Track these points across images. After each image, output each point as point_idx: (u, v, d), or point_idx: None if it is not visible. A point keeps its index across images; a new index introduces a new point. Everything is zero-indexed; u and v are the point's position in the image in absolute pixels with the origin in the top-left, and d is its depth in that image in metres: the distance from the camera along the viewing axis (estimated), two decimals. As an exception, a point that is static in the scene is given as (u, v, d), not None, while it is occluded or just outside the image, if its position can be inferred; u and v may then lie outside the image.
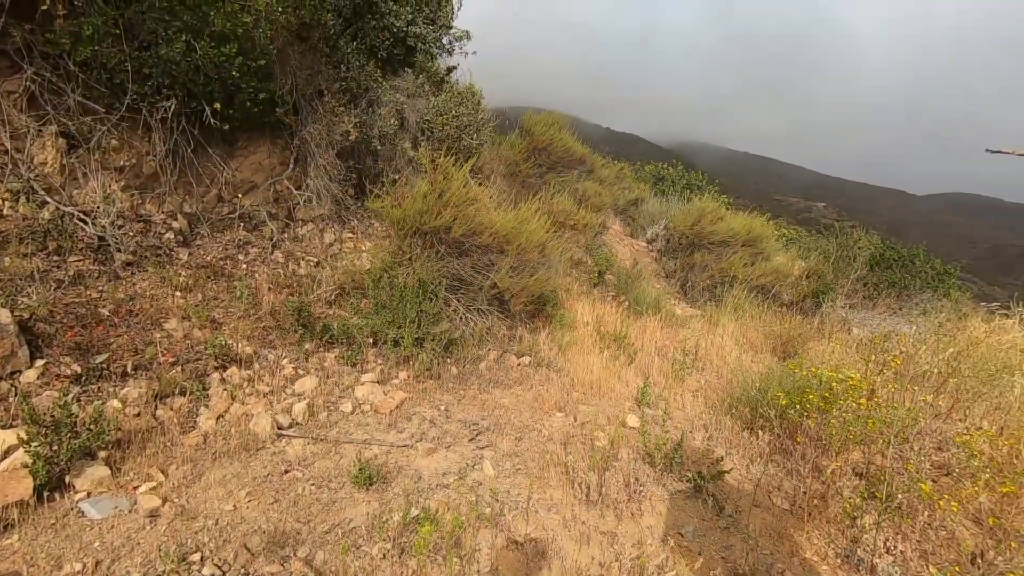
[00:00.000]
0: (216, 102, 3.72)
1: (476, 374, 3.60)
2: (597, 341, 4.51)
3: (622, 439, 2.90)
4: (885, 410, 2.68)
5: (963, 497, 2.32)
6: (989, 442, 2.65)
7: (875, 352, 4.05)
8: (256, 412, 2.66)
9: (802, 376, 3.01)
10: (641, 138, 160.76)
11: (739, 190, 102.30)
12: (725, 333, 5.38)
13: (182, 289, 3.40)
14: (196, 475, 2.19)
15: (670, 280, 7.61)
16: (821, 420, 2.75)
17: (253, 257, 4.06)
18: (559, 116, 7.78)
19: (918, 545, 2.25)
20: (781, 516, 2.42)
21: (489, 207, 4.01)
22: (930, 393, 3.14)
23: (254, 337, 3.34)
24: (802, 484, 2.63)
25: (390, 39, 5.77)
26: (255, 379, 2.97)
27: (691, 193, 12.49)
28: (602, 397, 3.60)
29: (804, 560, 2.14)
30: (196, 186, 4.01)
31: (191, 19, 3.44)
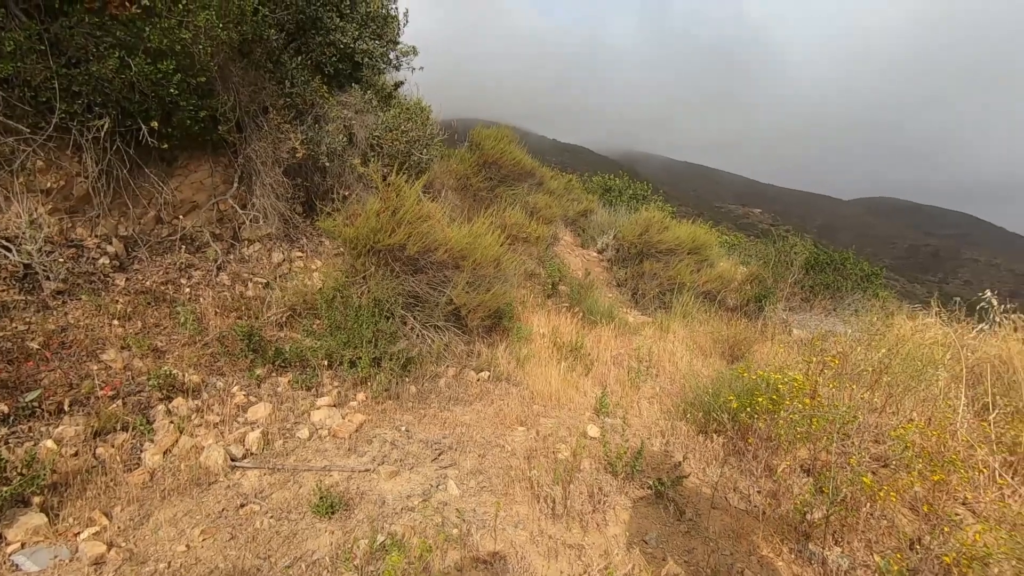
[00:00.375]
0: (153, 120, 3.56)
1: (436, 392, 3.57)
2: (554, 353, 4.57)
3: (584, 450, 2.94)
4: (827, 408, 2.84)
5: (900, 487, 2.48)
6: (920, 433, 2.85)
7: (815, 353, 4.29)
8: (207, 444, 2.54)
9: (750, 379, 3.15)
10: (587, 149, 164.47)
11: (681, 198, 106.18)
12: (676, 339, 5.56)
13: (120, 317, 3.21)
14: (144, 516, 2.07)
15: (621, 289, 7.80)
16: (770, 421, 2.89)
17: (197, 280, 3.89)
18: (508, 131, 7.88)
19: (863, 535, 2.39)
20: (738, 516, 2.52)
21: (443, 223, 4.00)
22: (866, 390, 3.36)
23: (201, 365, 3.19)
24: (756, 484, 2.75)
25: (336, 55, 5.71)
26: (204, 409, 2.84)
27: (638, 203, 12.87)
28: (562, 408, 3.64)
29: (762, 558, 2.23)
30: (132, 207, 3.82)
31: (124, 35, 3.30)
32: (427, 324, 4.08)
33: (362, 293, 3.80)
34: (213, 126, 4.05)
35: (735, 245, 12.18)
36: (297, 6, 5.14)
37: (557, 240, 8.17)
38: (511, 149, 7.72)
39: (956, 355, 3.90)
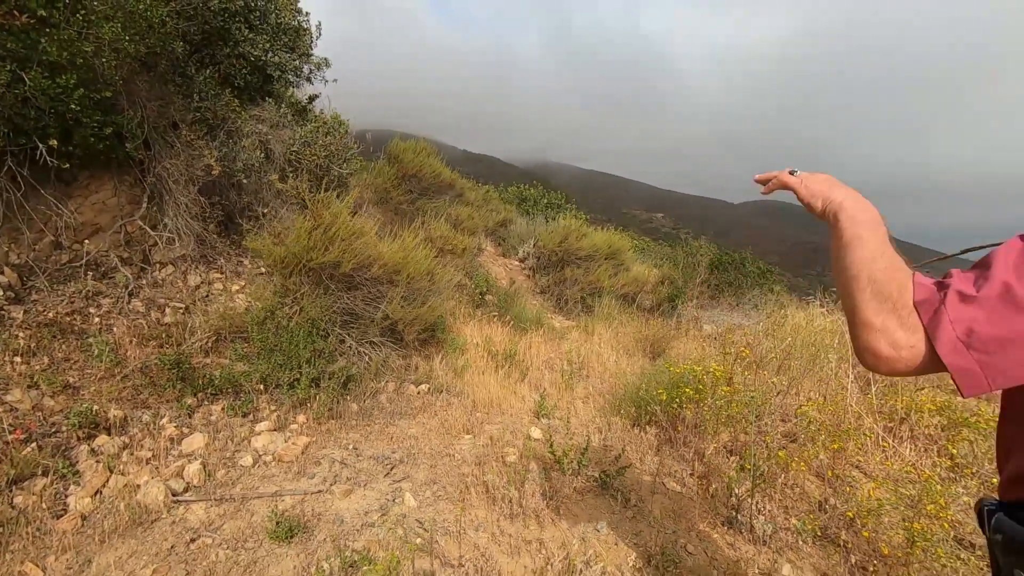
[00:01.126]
0: (52, 138, 3.29)
1: (378, 408, 3.56)
2: (489, 361, 4.69)
3: (530, 451, 3.08)
4: (743, 394, 3.18)
5: (807, 458, 2.84)
6: (819, 409, 3.27)
7: (727, 345, 4.74)
8: (142, 481, 2.40)
9: (675, 373, 3.45)
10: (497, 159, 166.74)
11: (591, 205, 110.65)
12: (601, 341, 5.87)
13: (23, 353, 2.93)
14: (84, 562, 1.93)
15: (545, 295, 8.08)
16: (696, 410, 3.18)
17: (107, 309, 3.61)
18: (426, 143, 7.93)
19: (780, 503, 2.71)
20: (676, 499, 2.76)
21: (375, 239, 4.01)
22: (773, 375, 3.77)
23: (123, 399, 2.98)
24: (688, 468, 3.02)
25: (247, 67, 5.51)
26: (133, 445, 2.66)
27: (553, 212, 13.34)
28: (504, 414, 3.76)
29: (700, 532, 2.47)
30: (28, 232, 3.48)
31: (16, 46, 3.03)
32: (364, 341, 4.05)
33: (295, 313, 3.71)
34: (119, 143, 3.80)
35: (645, 249, 12.96)
36: (203, 17, 4.93)
37: (481, 251, 8.31)
38: (430, 162, 7.78)
39: (842, 340, 4.48)
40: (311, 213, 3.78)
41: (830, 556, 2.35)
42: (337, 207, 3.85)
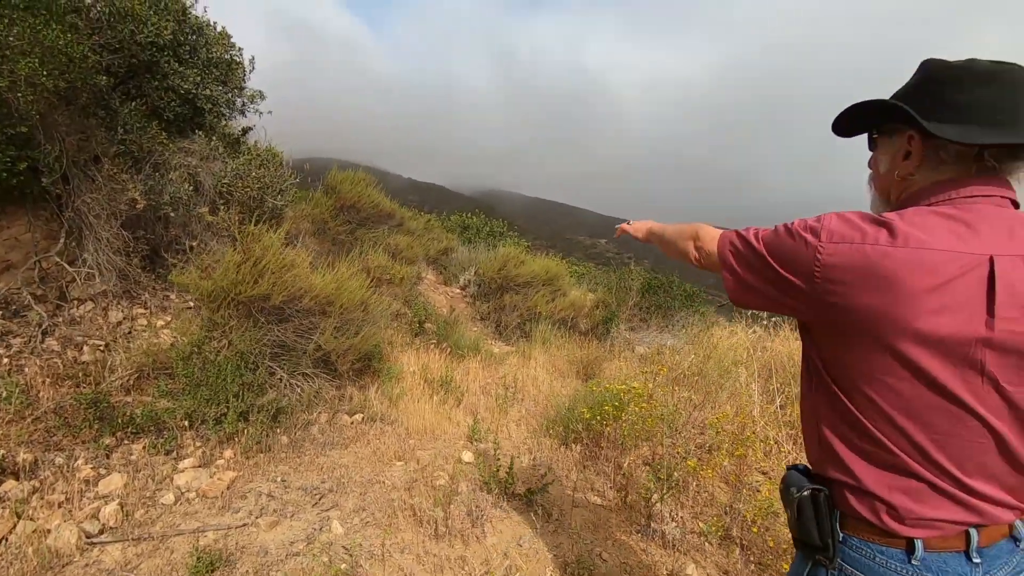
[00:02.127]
0: (-40, 174, 3.20)
1: (310, 439, 3.57)
2: (426, 388, 4.76)
3: (460, 474, 3.18)
4: (659, 409, 3.42)
5: (715, 465, 3.08)
6: (729, 421, 3.55)
7: (652, 364, 5.02)
8: (53, 525, 2.33)
9: (599, 392, 3.66)
10: (443, 187, 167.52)
11: (537, 232, 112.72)
12: (537, 365, 6.06)
13: (-79, 398, 2.79)
14: (-14, 612, 1.87)
15: (485, 322, 8.22)
16: (615, 426, 3.39)
17: (18, 349, 3.47)
18: (364, 174, 8.01)
19: (691, 509, 2.93)
20: (596, 511, 2.92)
21: (308, 271, 4.05)
22: (688, 390, 4.05)
23: (34, 442, 2.87)
24: (609, 481, 3.20)
25: (176, 100, 5.47)
26: (44, 489, 2.58)
27: (494, 239, 13.60)
28: (437, 440, 3.84)
29: (616, 540, 2.64)
30: (-71, 271, 3.33)
31: (-78, 81, 2.96)
32: (295, 372, 4.05)
33: (223, 347, 3.68)
34: (34, 178, 3.71)
35: (584, 274, 13.39)
36: (130, 50, 4.90)
37: (420, 279, 8.40)
38: (369, 192, 7.86)
39: (751, 354, 4.85)
40: (240, 246, 3.80)
41: (731, 555, 2.57)
42: (268, 240, 3.88)
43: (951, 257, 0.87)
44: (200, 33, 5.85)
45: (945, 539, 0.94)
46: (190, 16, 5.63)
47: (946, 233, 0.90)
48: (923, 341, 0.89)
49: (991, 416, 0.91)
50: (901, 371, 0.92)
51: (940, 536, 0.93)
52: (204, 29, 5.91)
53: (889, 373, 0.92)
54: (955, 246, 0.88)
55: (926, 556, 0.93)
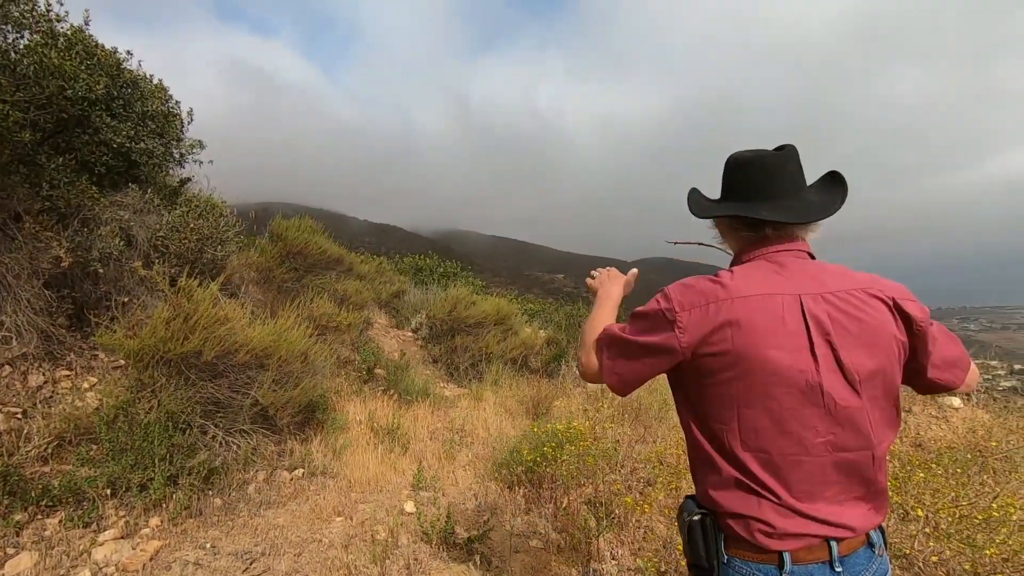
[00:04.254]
0: None
1: (245, 500, 3.44)
2: (372, 438, 4.68)
3: (401, 526, 3.12)
4: (599, 446, 3.47)
5: (653, 500, 3.14)
6: (665, 454, 3.63)
7: (597, 401, 5.10)
8: (-53, 616, 2.16)
9: (539, 433, 3.69)
10: (401, 228, 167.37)
11: (496, 270, 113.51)
12: (488, 406, 6.05)
13: None
14: None
15: (437, 365, 8.17)
16: (556, 466, 3.41)
17: (-79, 421, 3.25)
18: (310, 221, 7.98)
19: (631, 546, 2.96)
20: (537, 554, 2.92)
21: (243, 324, 3.98)
22: (629, 425, 4.13)
23: (-68, 523, 2.67)
24: (550, 523, 3.21)
25: (108, 153, 5.38)
26: (-60, 576, 2.39)
27: (448, 280, 13.64)
28: (380, 491, 3.77)
29: (554, 585, 2.64)
30: None
31: None
32: (231, 430, 3.92)
33: (152, 407, 3.55)
34: (-54, 240, 3.55)
35: (537, 311, 13.53)
36: (59, 105, 4.81)
37: (370, 324, 8.31)
38: (315, 239, 7.81)
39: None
40: (170, 302, 3.71)
41: (667, 590, 2.60)
42: (200, 294, 3.81)
43: (772, 298, 1.09)
44: (135, 87, 5.82)
45: (810, 551, 1.04)
46: (124, 71, 5.60)
47: (762, 281, 1.12)
48: (773, 372, 1.05)
49: (834, 434, 1.05)
50: (758, 402, 1.06)
51: (805, 548, 1.04)
52: (139, 83, 5.88)
53: (749, 405, 1.07)
54: (772, 289, 1.10)
55: (794, 568, 1.03)
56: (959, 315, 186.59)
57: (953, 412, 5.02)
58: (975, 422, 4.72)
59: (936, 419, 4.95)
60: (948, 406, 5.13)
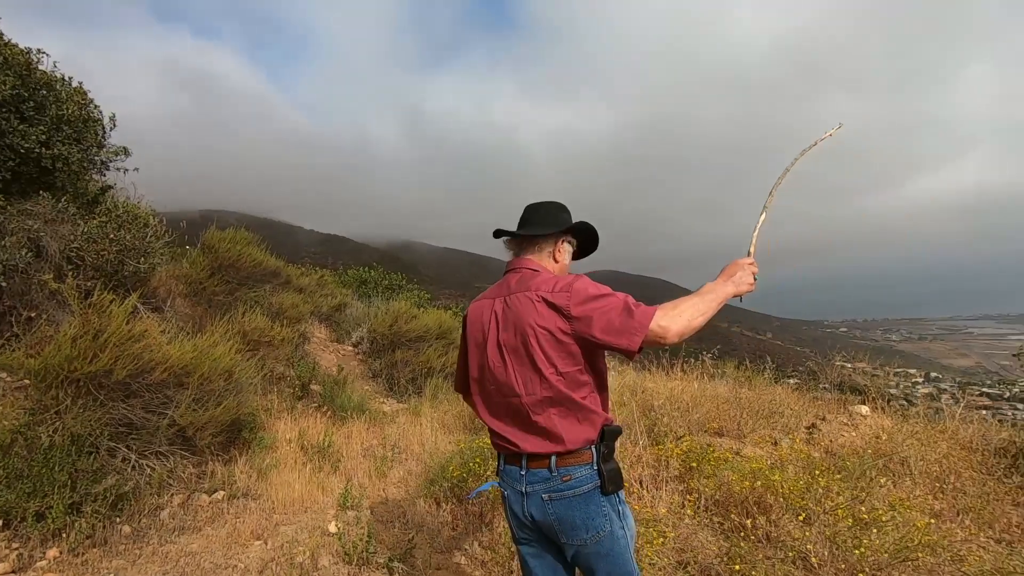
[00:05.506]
0: None
1: (156, 526, 3.27)
2: (300, 456, 4.55)
3: (322, 548, 3.05)
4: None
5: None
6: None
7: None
8: None
9: (466, 449, 3.70)
10: (348, 239, 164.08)
11: (447, 282, 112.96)
12: (426, 422, 6.00)
13: None
14: None
15: (377, 380, 8.05)
16: (483, 482, 3.43)
17: None
18: (244, 233, 7.72)
19: (554, 558, 3.00)
20: (460, 571, 2.92)
21: (160, 340, 3.81)
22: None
23: None
24: (476, 539, 3.22)
25: (15, 159, 5.05)
26: None
27: (394, 293, 13.45)
28: (305, 512, 3.67)
29: (474, 601, 2.64)
30: None
31: None
32: (146, 452, 3.73)
33: (55, 430, 3.33)
34: None
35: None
36: (-43, 108, 4.50)
37: (307, 339, 8.10)
38: (249, 251, 7.56)
39: (634, 395, 5.17)
40: (78, 317, 3.52)
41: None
42: (114, 309, 3.62)
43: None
44: (50, 88, 5.51)
45: (509, 457, 1.65)
46: (36, 71, 5.29)
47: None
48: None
49: (495, 386, 1.65)
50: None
51: (508, 455, 1.66)
52: (54, 84, 5.58)
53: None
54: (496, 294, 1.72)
55: (504, 468, 1.68)
56: (882, 326, 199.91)
57: (862, 419, 5.38)
58: (880, 428, 5.07)
59: (847, 426, 5.28)
60: (857, 414, 5.49)
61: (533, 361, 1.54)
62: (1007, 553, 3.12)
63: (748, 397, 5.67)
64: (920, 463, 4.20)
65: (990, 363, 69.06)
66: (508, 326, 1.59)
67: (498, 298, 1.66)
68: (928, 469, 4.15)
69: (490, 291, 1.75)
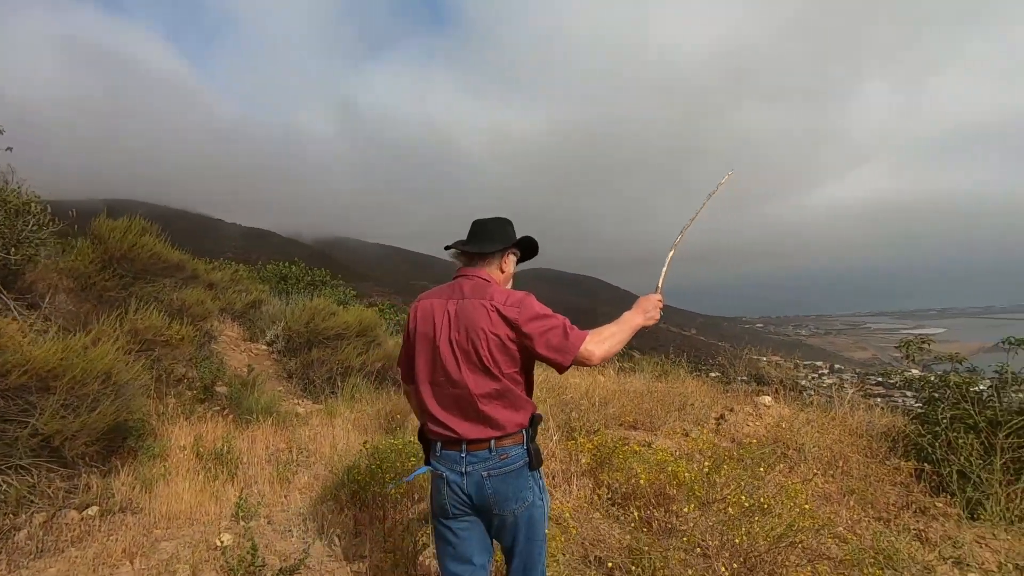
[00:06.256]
0: None
1: (8, 550, 2.89)
2: (195, 464, 4.21)
3: (206, 563, 2.81)
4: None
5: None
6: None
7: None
8: None
9: (372, 451, 3.54)
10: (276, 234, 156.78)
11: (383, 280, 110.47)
12: (341, 423, 5.74)
13: None
14: None
15: (292, 380, 7.65)
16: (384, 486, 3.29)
17: None
18: (141, 222, 7.09)
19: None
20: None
21: (18, 340, 3.38)
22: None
23: None
24: (378, 544, 3.07)
25: None
26: None
27: (316, 290, 12.89)
28: (192, 525, 3.37)
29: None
30: None
31: None
32: (3, 466, 3.30)
33: None
34: None
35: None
36: None
37: (213, 338, 7.57)
38: (146, 242, 6.94)
39: (552, 392, 5.16)
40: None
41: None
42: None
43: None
44: None
45: (448, 443, 1.85)
46: None
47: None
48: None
49: (444, 378, 1.86)
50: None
51: (445, 441, 1.86)
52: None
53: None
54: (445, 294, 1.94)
55: (441, 453, 1.87)
56: (793, 322, 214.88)
57: (765, 409, 5.66)
58: (781, 417, 5.36)
59: (752, 416, 5.54)
60: (762, 404, 5.78)
61: (481, 360, 1.78)
62: (884, 532, 3.35)
63: (662, 390, 5.83)
64: (814, 449, 4.45)
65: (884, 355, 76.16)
66: (460, 327, 1.80)
67: (451, 300, 1.87)
68: (820, 455, 4.40)
69: (440, 291, 1.94)
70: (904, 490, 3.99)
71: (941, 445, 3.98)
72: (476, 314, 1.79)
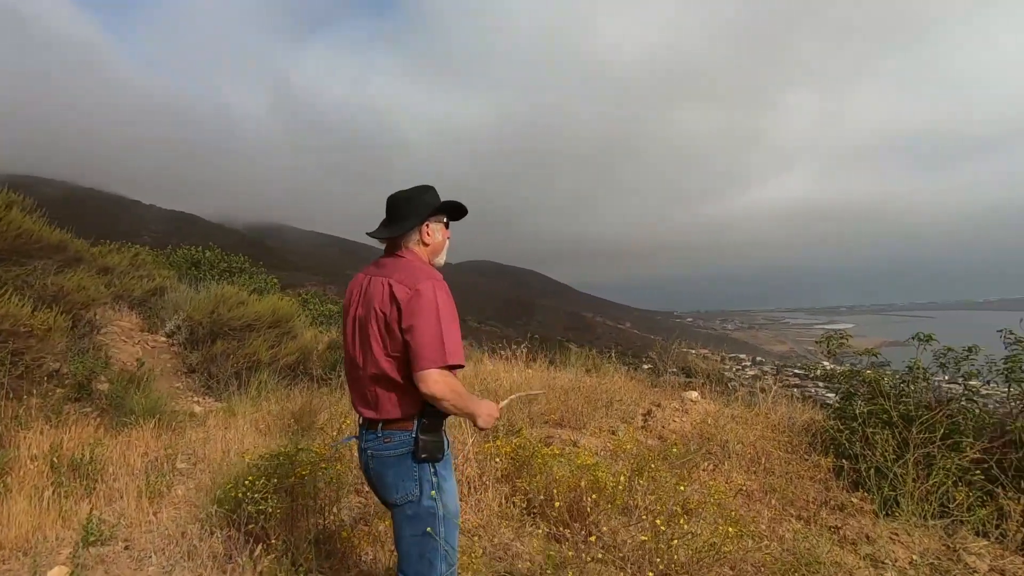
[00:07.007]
0: None
1: None
2: (48, 477, 3.57)
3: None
4: (328, 471, 2.99)
5: (372, 531, 2.75)
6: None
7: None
8: None
9: (254, 459, 3.08)
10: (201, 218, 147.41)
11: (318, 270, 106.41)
12: (242, 424, 5.17)
13: None
14: None
15: (193, 375, 6.92)
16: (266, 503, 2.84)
17: None
18: (7, 195, 6.13)
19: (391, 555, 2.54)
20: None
21: None
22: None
23: None
24: (249, 571, 2.63)
25: None
26: None
27: (233, 277, 11.95)
28: (26, 555, 2.79)
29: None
30: None
31: None
32: None
33: None
34: None
35: (338, 313, 12.54)
36: None
37: (98, 328, 6.69)
38: (13, 217, 6.01)
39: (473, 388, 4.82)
40: None
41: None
42: None
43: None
44: None
45: (360, 420, 1.84)
46: None
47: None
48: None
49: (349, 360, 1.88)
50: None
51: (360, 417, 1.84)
52: None
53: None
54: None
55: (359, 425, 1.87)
56: (720, 317, 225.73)
57: (692, 405, 5.58)
58: (706, 412, 5.29)
59: (679, 412, 5.45)
60: (689, 399, 5.70)
61: (369, 340, 1.73)
62: (805, 532, 3.25)
63: (590, 386, 5.64)
64: (738, 446, 4.37)
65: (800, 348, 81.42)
66: (364, 303, 1.78)
67: (367, 276, 1.84)
68: (744, 451, 4.32)
69: (369, 266, 1.91)
70: (823, 487, 3.95)
71: (858, 441, 3.96)
72: (375, 290, 1.75)
